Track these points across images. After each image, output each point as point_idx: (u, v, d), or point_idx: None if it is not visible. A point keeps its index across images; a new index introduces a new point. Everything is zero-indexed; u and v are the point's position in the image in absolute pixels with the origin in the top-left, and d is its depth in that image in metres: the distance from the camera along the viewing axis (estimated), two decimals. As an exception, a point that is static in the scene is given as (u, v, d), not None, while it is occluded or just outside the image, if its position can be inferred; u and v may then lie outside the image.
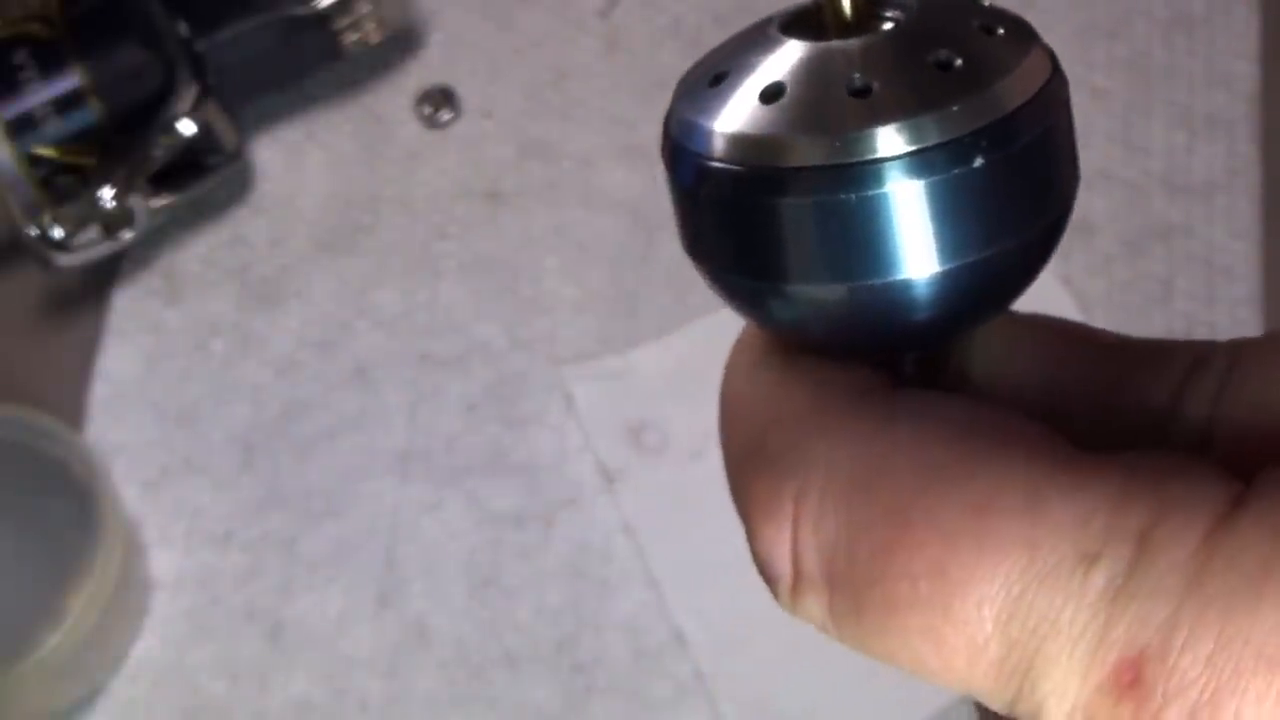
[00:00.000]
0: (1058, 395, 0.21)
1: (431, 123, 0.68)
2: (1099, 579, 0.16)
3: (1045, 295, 0.62)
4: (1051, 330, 0.22)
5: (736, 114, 0.19)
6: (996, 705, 0.17)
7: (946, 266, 0.19)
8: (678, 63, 0.70)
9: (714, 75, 0.20)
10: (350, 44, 0.65)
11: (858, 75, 0.19)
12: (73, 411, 0.62)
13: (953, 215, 0.19)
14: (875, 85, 0.19)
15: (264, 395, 0.62)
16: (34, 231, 0.59)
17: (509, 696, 0.57)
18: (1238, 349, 0.20)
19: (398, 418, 0.62)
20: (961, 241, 0.19)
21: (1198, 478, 0.17)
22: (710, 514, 0.59)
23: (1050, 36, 0.21)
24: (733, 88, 0.20)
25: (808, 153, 0.19)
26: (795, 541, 0.19)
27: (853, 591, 0.18)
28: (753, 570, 0.21)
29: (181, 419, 0.62)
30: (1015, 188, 0.19)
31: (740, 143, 0.19)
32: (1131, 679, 0.16)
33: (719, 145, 0.19)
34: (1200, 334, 0.62)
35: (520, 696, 0.57)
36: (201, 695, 0.57)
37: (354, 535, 0.60)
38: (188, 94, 0.60)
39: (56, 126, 0.60)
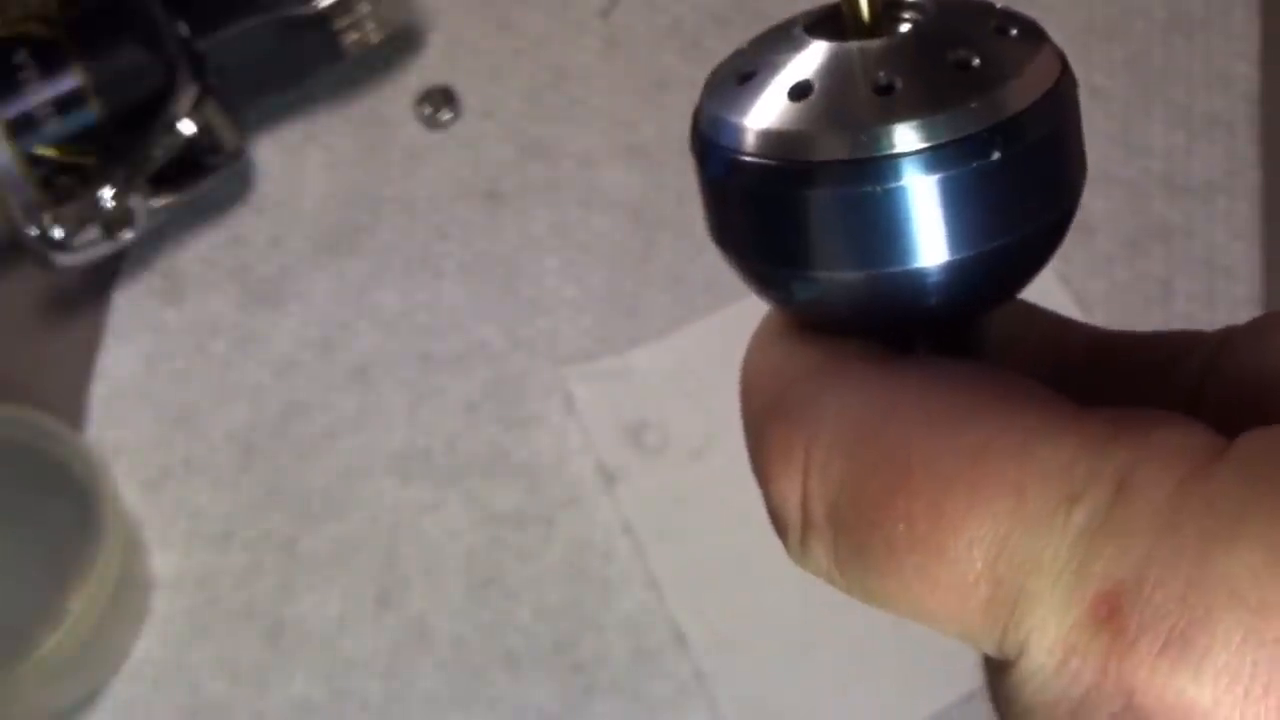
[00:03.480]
0: (1056, 378, 0.22)
1: (431, 123, 0.68)
2: (1080, 518, 0.17)
3: (1045, 295, 0.62)
4: (1053, 320, 0.23)
5: (765, 111, 0.20)
6: (987, 647, 0.18)
7: (957, 256, 0.20)
8: (678, 63, 0.70)
9: (742, 74, 0.21)
10: (350, 44, 0.65)
11: (882, 74, 0.20)
12: (73, 411, 0.62)
13: (965, 207, 0.20)
14: (898, 83, 0.20)
15: (264, 395, 0.62)
16: (34, 231, 0.59)
17: (509, 696, 0.57)
18: (1229, 332, 0.21)
19: (398, 418, 0.62)
20: (971, 233, 0.20)
21: (1183, 427, 0.18)
22: (710, 514, 0.59)
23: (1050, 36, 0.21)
24: (761, 86, 0.21)
25: (833, 147, 0.20)
26: (805, 488, 0.20)
27: (855, 535, 0.19)
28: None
29: (181, 419, 0.62)
30: (1024, 183, 0.20)
31: (769, 138, 0.20)
32: (1108, 612, 0.16)
33: (748, 140, 0.20)
34: (1200, 334, 0.62)
35: (520, 696, 0.57)
36: (201, 695, 0.57)
37: (354, 535, 0.60)
38: (188, 94, 0.60)
39: (56, 126, 0.60)
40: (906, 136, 0.19)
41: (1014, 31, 0.21)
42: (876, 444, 0.19)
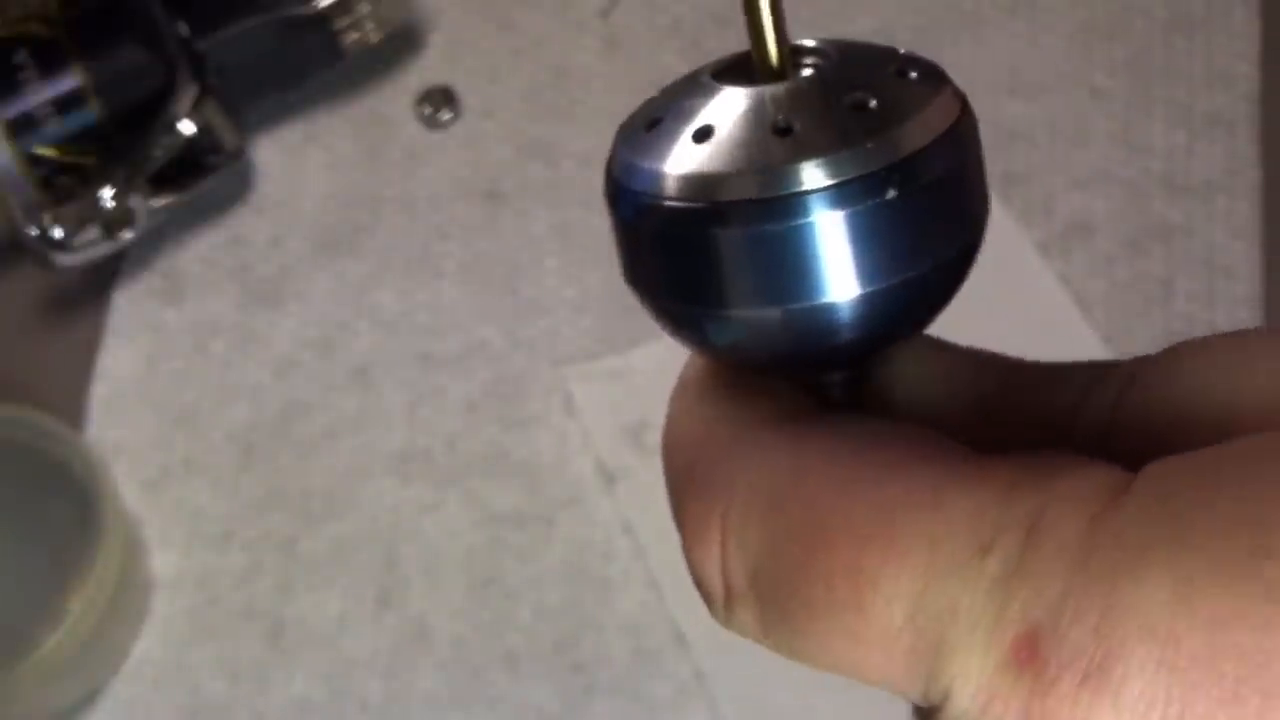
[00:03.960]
0: (971, 413, 0.22)
1: (431, 123, 0.68)
2: (993, 566, 0.17)
3: (1045, 295, 0.62)
4: (965, 355, 0.23)
5: (673, 154, 0.21)
6: (914, 696, 0.19)
7: (866, 290, 0.20)
8: (678, 63, 0.70)
9: (651, 120, 0.22)
10: (350, 44, 0.65)
11: (782, 116, 0.20)
12: (73, 411, 0.62)
13: (870, 243, 0.20)
14: (798, 125, 0.20)
15: (264, 395, 0.62)
16: (34, 231, 0.59)
17: (509, 696, 0.57)
18: (1140, 363, 0.21)
19: (398, 418, 0.62)
20: (879, 267, 0.20)
21: (1086, 469, 0.18)
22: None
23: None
24: (669, 130, 0.21)
25: (739, 188, 0.20)
26: (724, 559, 0.20)
27: (778, 601, 0.19)
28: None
29: (181, 419, 0.62)
30: (925, 218, 0.21)
31: (677, 181, 0.21)
32: (1028, 654, 0.17)
33: (658, 183, 0.21)
34: (1200, 334, 0.62)
35: (520, 696, 0.57)
36: (201, 695, 0.57)
37: (354, 535, 0.60)
38: (188, 94, 0.60)
39: (56, 126, 0.60)
40: (808, 175, 0.20)
41: (914, 75, 0.21)
42: (790, 510, 0.19)
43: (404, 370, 0.63)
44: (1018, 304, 0.63)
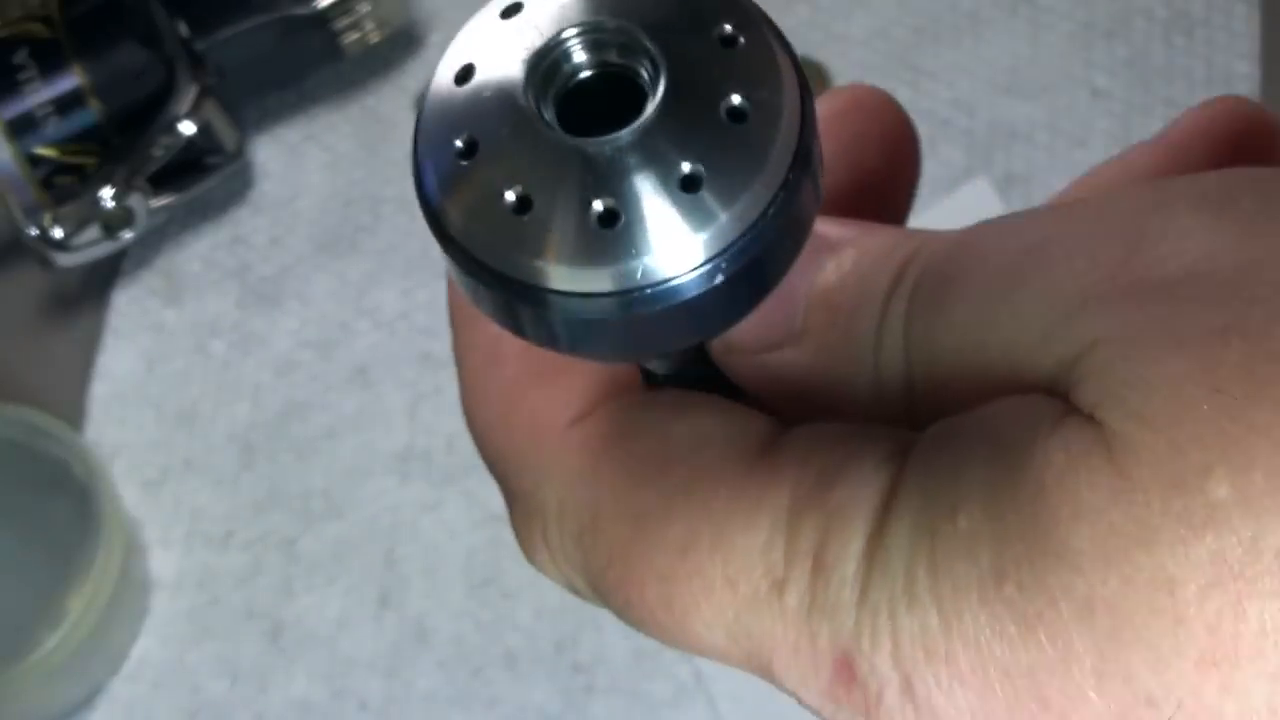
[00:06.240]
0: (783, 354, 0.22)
1: (431, 123, 0.68)
2: (792, 600, 0.18)
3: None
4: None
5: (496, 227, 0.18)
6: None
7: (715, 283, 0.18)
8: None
9: (467, 145, 0.18)
10: (350, 44, 0.65)
11: (606, 203, 0.17)
12: (73, 411, 0.62)
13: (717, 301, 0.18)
14: (623, 216, 0.17)
15: (264, 395, 0.62)
16: (34, 231, 0.59)
17: (509, 696, 0.57)
18: (927, 272, 0.20)
19: (398, 418, 0.62)
20: (739, 303, 0.18)
21: (857, 474, 0.18)
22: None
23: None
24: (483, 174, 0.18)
25: (560, 280, 0.17)
26: (557, 566, 0.21)
27: (614, 605, 0.21)
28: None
29: (181, 419, 0.62)
30: (777, 251, 0.18)
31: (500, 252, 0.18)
32: (849, 677, 0.18)
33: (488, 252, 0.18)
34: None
35: (520, 696, 0.57)
36: (201, 695, 0.57)
37: (354, 535, 0.60)
38: (188, 94, 0.60)
39: (56, 126, 0.60)
40: (643, 275, 0.17)
41: (749, 105, 0.17)
42: (596, 543, 0.20)
43: (404, 370, 0.63)
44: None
